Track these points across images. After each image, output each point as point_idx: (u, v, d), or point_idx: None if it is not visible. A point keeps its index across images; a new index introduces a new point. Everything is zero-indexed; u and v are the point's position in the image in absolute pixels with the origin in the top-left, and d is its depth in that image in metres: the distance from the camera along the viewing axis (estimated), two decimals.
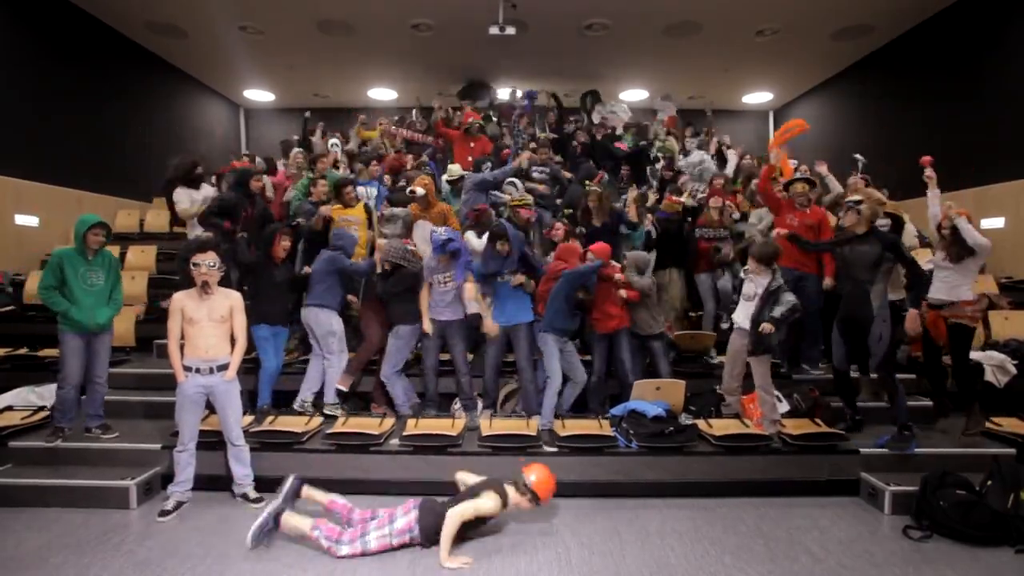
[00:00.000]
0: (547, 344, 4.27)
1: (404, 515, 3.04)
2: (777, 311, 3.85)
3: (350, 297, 4.73)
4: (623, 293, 4.34)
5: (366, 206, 5.38)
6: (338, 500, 3.20)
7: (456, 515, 2.95)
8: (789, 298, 3.88)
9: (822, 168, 5.31)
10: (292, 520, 3.05)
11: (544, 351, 4.29)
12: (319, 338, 4.42)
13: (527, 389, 4.40)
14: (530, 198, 5.37)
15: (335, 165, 6.73)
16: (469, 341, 4.66)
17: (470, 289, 4.60)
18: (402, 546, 3.01)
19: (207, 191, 5.16)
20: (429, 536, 2.98)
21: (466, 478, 3.32)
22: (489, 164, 6.32)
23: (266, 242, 4.40)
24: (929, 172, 4.28)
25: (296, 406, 4.38)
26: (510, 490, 3.10)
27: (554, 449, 3.86)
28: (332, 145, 7.56)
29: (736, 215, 5.70)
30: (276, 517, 3.04)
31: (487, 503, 3.02)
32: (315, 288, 4.45)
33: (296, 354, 4.91)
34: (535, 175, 6.28)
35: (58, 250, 3.90)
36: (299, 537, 3.04)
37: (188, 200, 5.00)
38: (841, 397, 4.25)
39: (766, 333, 3.81)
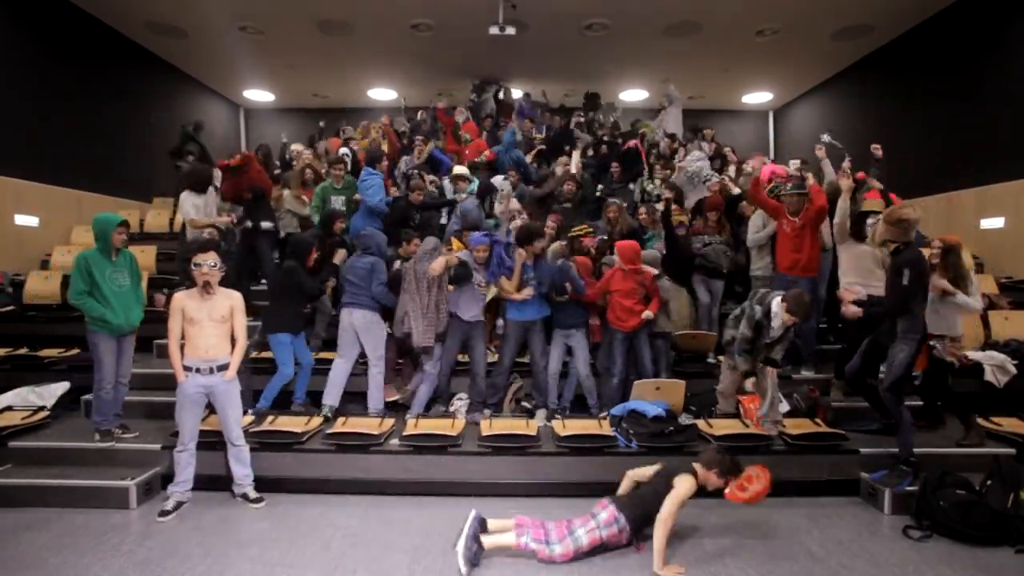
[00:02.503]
0: (555, 336, 4.53)
1: (603, 509, 3.03)
2: (778, 353, 3.94)
3: None
4: (649, 314, 4.34)
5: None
6: (524, 517, 3.06)
7: (668, 516, 2.86)
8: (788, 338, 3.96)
9: (819, 152, 5.31)
10: (490, 539, 2.96)
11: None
12: (364, 340, 4.32)
13: (539, 381, 4.46)
14: (589, 228, 5.36)
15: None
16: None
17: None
18: (611, 538, 2.96)
19: (211, 196, 5.45)
20: (637, 524, 2.99)
21: (638, 474, 3.27)
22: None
23: (303, 250, 4.39)
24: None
25: (325, 413, 4.32)
26: (698, 467, 3.02)
27: (552, 448, 3.87)
28: (344, 155, 7.57)
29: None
30: (476, 538, 2.91)
31: (684, 487, 2.92)
32: (352, 287, 4.35)
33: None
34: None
35: (83, 253, 3.83)
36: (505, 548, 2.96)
37: (192, 207, 5.28)
38: (867, 400, 4.12)
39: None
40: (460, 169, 6.28)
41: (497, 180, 5.74)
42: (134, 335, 4.06)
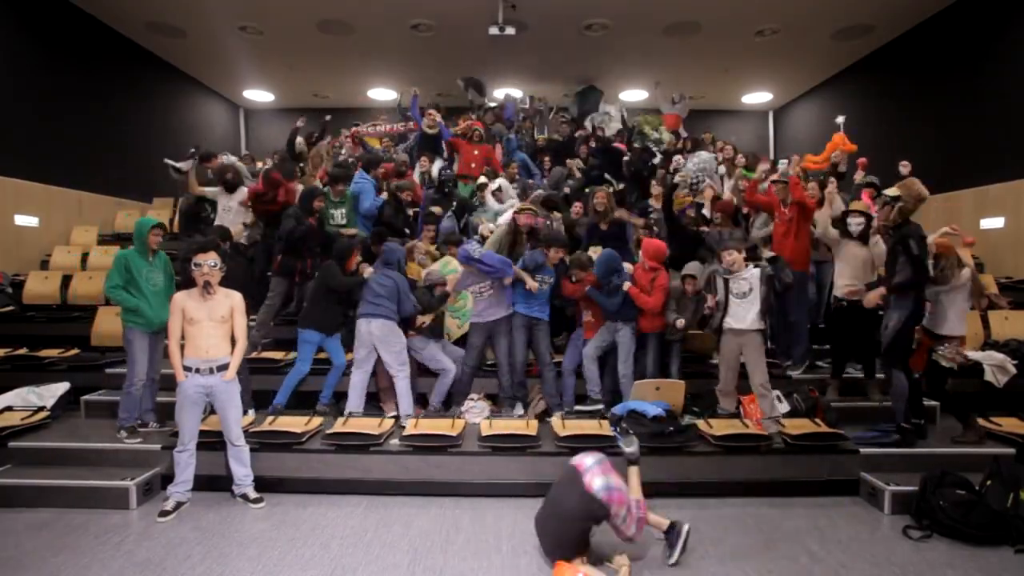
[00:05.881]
0: (600, 330, 4.57)
1: None
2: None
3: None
4: (681, 321, 4.39)
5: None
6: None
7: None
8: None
9: (830, 188, 5.35)
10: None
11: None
12: (384, 352, 4.30)
13: (546, 380, 4.48)
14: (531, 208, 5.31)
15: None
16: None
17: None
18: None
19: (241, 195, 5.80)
20: None
21: None
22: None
23: (342, 255, 4.48)
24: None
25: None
26: None
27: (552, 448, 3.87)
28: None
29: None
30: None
31: None
32: (373, 298, 4.33)
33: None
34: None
35: (122, 252, 4.06)
36: None
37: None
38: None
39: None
40: (501, 182, 6.29)
41: (504, 183, 5.90)
42: (163, 336, 4.11)
